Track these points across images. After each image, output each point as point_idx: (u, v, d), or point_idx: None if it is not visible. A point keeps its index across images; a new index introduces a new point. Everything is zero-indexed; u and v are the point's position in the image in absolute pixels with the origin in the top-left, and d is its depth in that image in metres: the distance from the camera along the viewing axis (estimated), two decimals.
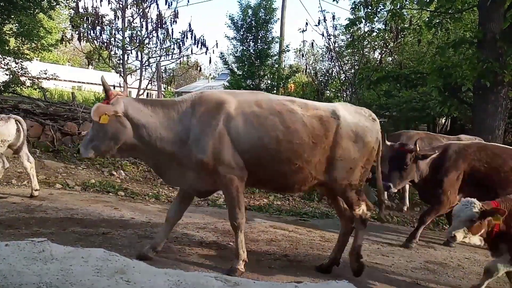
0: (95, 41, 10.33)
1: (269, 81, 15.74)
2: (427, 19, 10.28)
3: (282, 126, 3.47)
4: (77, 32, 10.07)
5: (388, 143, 5.23)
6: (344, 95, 13.29)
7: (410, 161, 4.85)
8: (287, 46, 16.30)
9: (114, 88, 11.91)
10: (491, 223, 3.37)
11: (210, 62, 20.66)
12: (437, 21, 9.67)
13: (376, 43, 13.48)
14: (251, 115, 3.48)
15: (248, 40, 15.58)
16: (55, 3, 12.05)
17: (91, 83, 32.78)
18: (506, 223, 3.40)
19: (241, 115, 3.46)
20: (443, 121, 17.16)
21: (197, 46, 10.61)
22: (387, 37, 12.10)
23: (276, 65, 15.50)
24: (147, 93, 12.05)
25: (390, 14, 9.96)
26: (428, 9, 9.71)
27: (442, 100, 9.18)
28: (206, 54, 10.81)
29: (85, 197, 5.93)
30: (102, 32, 10.34)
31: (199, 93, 3.75)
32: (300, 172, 3.55)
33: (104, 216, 4.95)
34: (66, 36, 10.74)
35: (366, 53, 13.51)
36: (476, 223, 3.32)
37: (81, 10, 10.12)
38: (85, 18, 10.07)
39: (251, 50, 15.48)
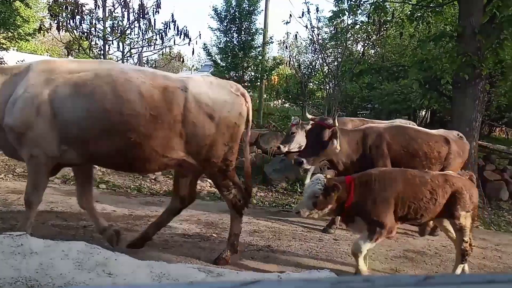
0: (75, 31, 10.08)
1: (252, 73, 15.70)
2: (409, 12, 10.40)
3: (111, 96, 3.17)
4: (55, 21, 9.79)
5: (309, 116, 5.30)
6: (327, 87, 13.38)
7: (327, 137, 4.44)
8: (270, 38, 16.24)
9: None
10: (340, 197, 3.41)
11: (193, 53, 20.38)
12: (419, 14, 9.79)
13: (359, 35, 13.58)
14: (78, 85, 3.20)
15: (231, 31, 15.46)
16: None
17: None
18: (361, 195, 3.45)
19: (68, 85, 3.20)
20: (424, 113, 17.50)
21: (180, 37, 10.47)
22: (370, 30, 12.20)
23: (260, 57, 15.47)
24: None
25: (373, 7, 10.03)
26: (410, 2, 9.82)
27: (423, 93, 9.36)
28: (189, 45, 10.69)
29: (65, 190, 5.84)
30: (82, 22, 10.09)
31: (39, 61, 3.55)
32: (139, 148, 3.24)
33: None
34: (44, 25, 10.41)
35: (349, 46, 13.59)
36: (321, 198, 3.36)
37: None
38: (64, 7, 9.79)
39: (235, 42, 15.38)
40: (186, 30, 10.46)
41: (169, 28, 10.44)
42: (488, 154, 8.77)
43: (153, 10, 10.31)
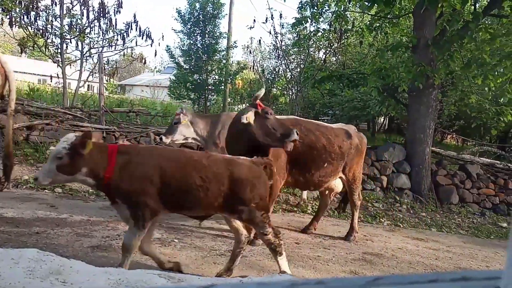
0: (29, 27, 9.62)
1: (216, 77, 15.66)
2: (368, 22, 10.82)
3: None
4: (8, 17, 9.30)
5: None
6: (290, 93, 13.59)
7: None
8: (234, 42, 16.30)
9: (51, 78, 11.22)
10: (97, 166, 2.89)
11: (155, 55, 20.16)
12: (377, 25, 10.21)
13: (321, 43, 13.93)
14: None
15: (195, 34, 15.37)
16: None
17: (25, 73, 30.45)
18: (120, 169, 2.94)
19: None
20: (382, 120, 18.19)
21: (142, 38, 10.30)
22: (331, 38, 12.56)
23: (224, 61, 15.46)
24: (88, 85, 11.46)
25: (334, 15, 10.35)
26: (369, 13, 10.20)
27: (381, 100, 9.74)
28: (151, 46, 10.53)
29: (17, 194, 5.52)
30: (38, 18, 9.67)
31: None
32: None
33: (39, 214, 4.65)
34: None
35: (311, 53, 13.91)
36: (65, 160, 2.80)
37: None
38: (17, 1, 9.33)
39: (199, 45, 15.30)
40: (149, 31, 10.32)
41: (131, 29, 10.25)
42: (440, 160, 9.24)
43: (115, 10, 10.09)
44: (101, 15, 9.95)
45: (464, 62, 8.64)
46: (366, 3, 8.83)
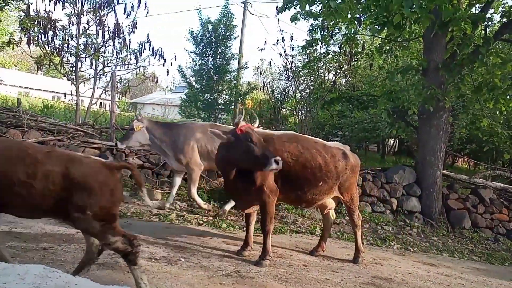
0: (46, 46, 9.89)
1: (227, 96, 15.83)
2: (378, 45, 10.89)
3: None
4: (26, 36, 9.59)
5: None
6: (300, 114, 13.62)
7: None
8: (245, 63, 16.55)
9: (65, 96, 11.43)
10: None
11: (167, 74, 20.51)
12: (387, 48, 10.27)
13: (331, 65, 14.04)
14: None
15: (207, 55, 15.65)
16: (3, 4, 11.43)
17: (40, 90, 31.17)
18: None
19: None
20: (392, 142, 18.06)
21: (155, 58, 10.47)
22: (341, 60, 12.64)
23: (235, 81, 15.66)
24: (100, 102, 11.66)
25: (344, 38, 10.46)
26: (379, 36, 10.29)
27: (391, 122, 9.69)
28: (163, 66, 10.70)
29: None
30: (55, 37, 9.93)
31: None
32: None
33: (47, 230, 4.66)
34: (14, 39, 10.17)
35: (321, 74, 14.00)
36: None
37: (32, 13, 9.67)
38: (36, 21, 9.62)
39: (210, 65, 15.55)
40: (161, 51, 10.50)
41: (144, 48, 10.44)
42: (452, 183, 9.10)
43: (129, 30, 10.32)
44: (116, 35, 10.18)
45: (475, 85, 8.60)
46: (376, 27, 8.92)
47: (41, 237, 4.37)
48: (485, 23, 8.26)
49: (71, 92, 10.36)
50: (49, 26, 9.64)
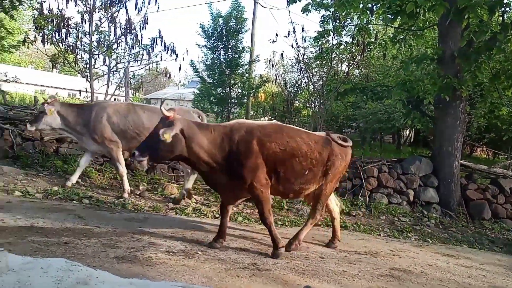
0: (60, 44, 10.01)
1: (239, 90, 15.82)
2: (391, 35, 10.71)
3: None
4: (40, 34, 9.72)
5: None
6: (313, 106, 13.54)
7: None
8: (257, 56, 16.48)
9: (80, 93, 11.56)
10: None
11: (180, 69, 20.48)
12: (401, 37, 10.10)
13: (343, 55, 13.89)
14: None
15: (218, 49, 15.63)
16: (17, 3, 11.60)
17: (55, 87, 31.64)
18: None
19: None
20: (407, 132, 17.83)
21: (167, 53, 10.52)
22: (354, 51, 12.49)
23: (247, 75, 15.62)
24: (115, 98, 11.77)
25: (357, 28, 10.32)
26: (392, 25, 10.11)
27: (406, 113, 9.55)
28: (176, 61, 10.73)
29: (46, 205, 5.66)
30: (68, 35, 10.05)
31: None
32: None
33: (67, 224, 4.75)
34: (29, 38, 10.32)
35: (334, 65, 13.86)
36: None
37: (45, 11, 9.78)
38: (49, 20, 9.74)
39: (222, 59, 15.53)
40: (173, 46, 10.53)
41: (156, 44, 10.48)
42: (470, 174, 8.94)
43: (140, 26, 10.37)
44: (128, 31, 10.25)
45: (492, 73, 8.40)
46: (389, 16, 8.77)
47: (62, 231, 4.46)
48: (502, 9, 8.03)
49: (86, 89, 10.48)
50: (62, 24, 9.75)
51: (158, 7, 10.53)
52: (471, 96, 10.49)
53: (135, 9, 10.14)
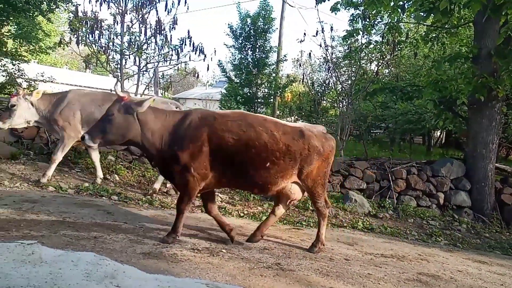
0: (94, 45, 10.36)
1: (266, 90, 15.82)
2: (423, 33, 10.42)
3: None
4: (75, 36, 10.09)
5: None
6: (341, 106, 13.35)
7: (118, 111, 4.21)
8: (284, 55, 16.43)
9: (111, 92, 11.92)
10: None
11: (208, 69, 20.70)
12: (434, 35, 9.80)
13: (373, 55, 13.60)
14: None
15: (246, 49, 15.69)
16: (54, 7, 12.10)
17: (89, 87, 32.74)
18: None
19: None
20: (438, 134, 17.29)
21: (196, 53, 10.67)
22: (384, 50, 12.21)
23: (274, 74, 15.60)
24: None
25: (387, 27, 10.10)
26: (424, 23, 9.82)
27: (437, 113, 9.26)
28: (204, 61, 10.87)
29: (78, 200, 5.88)
30: (101, 37, 10.38)
31: None
32: None
33: (97, 220, 4.91)
34: (64, 39, 10.74)
35: (363, 65, 13.61)
36: None
37: (80, 14, 10.15)
38: (84, 22, 10.10)
39: (249, 59, 15.58)
40: (202, 46, 10.66)
41: (185, 44, 10.66)
42: (506, 177, 8.56)
43: (170, 26, 10.57)
44: (158, 32, 10.47)
45: None
46: (422, 14, 8.53)
47: (92, 226, 4.61)
48: None
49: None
50: (95, 26, 10.08)
51: (188, 8, 10.71)
52: (508, 96, 10.04)
53: (165, 10, 10.35)
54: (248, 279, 3.67)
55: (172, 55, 10.87)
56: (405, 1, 8.74)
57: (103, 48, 10.46)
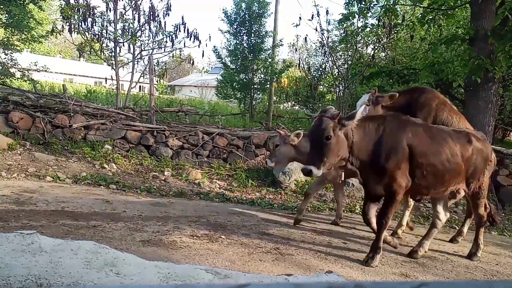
0: (87, 33, 10.24)
1: (262, 75, 15.71)
2: (420, 15, 10.32)
3: None
4: (68, 24, 9.96)
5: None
6: (337, 90, 13.32)
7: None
8: (280, 40, 16.24)
9: (106, 81, 11.83)
10: None
11: (203, 55, 20.52)
12: (430, 17, 9.71)
13: (369, 38, 13.52)
14: None
15: (241, 34, 15.51)
16: None
17: (83, 75, 32.45)
18: None
19: None
20: None
21: (190, 39, 10.58)
22: (380, 33, 12.14)
23: (270, 60, 15.47)
24: (139, 86, 11.98)
25: (383, 9, 10.00)
26: (421, 5, 9.73)
27: None
28: (199, 47, 10.78)
29: (76, 190, 5.88)
30: (94, 24, 10.26)
31: None
32: None
33: (95, 209, 4.93)
34: (56, 28, 10.59)
35: (359, 49, 13.53)
36: None
37: (72, 1, 9.99)
38: (76, 9, 9.95)
39: (245, 44, 15.42)
40: (196, 32, 10.57)
41: (179, 31, 10.56)
42: (502, 159, 8.60)
43: (164, 13, 10.45)
44: (151, 18, 10.35)
45: None
46: None
47: (91, 215, 4.63)
48: None
49: (112, 77, 10.70)
50: (88, 13, 9.94)
51: None
52: (504, 78, 10.03)
53: None
54: (247, 264, 3.71)
55: (166, 41, 10.79)
56: None
57: (97, 36, 10.35)
